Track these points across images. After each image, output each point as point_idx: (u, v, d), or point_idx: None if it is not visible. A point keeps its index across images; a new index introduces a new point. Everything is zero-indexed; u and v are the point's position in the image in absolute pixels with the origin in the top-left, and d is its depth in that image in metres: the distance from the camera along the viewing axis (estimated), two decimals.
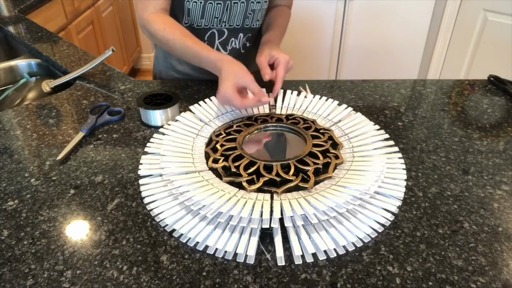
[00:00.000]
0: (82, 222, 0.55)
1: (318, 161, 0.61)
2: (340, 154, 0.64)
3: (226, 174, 0.60)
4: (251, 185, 0.57)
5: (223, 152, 0.64)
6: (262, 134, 0.72)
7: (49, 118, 0.81)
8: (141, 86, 0.92)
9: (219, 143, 0.67)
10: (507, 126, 0.78)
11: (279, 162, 0.60)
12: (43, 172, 0.65)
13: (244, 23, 0.92)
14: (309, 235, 0.51)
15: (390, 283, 0.46)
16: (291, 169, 0.59)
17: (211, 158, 0.63)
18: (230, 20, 0.90)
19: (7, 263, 0.49)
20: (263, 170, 0.59)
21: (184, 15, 0.88)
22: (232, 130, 0.71)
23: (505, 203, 0.58)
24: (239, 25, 0.91)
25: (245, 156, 0.62)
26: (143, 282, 0.46)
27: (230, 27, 0.91)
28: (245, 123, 0.73)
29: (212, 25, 0.90)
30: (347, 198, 0.54)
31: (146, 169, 0.63)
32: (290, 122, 0.73)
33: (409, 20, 2.10)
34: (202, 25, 0.89)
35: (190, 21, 0.89)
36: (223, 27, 0.91)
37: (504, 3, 1.78)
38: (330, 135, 0.68)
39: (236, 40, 0.94)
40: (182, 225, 0.53)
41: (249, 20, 0.92)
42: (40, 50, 1.12)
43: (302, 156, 0.62)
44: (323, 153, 0.63)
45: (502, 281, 0.47)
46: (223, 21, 0.89)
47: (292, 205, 0.53)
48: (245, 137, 0.69)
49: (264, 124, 0.72)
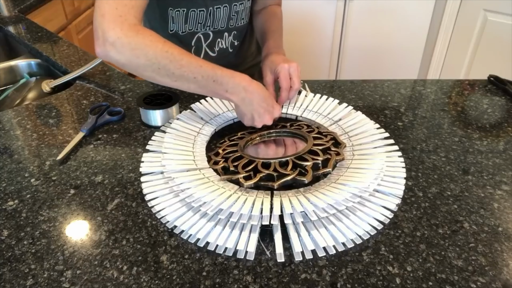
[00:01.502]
0: (82, 222, 0.55)
1: (318, 158, 0.61)
2: (342, 151, 0.64)
3: (224, 173, 0.61)
4: (248, 181, 0.57)
5: (224, 155, 0.64)
6: (265, 140, 0.71)
7: (49, 118, 0.81)
8: (141, 86, 0.92)
9: (221, 147, 0.67)
10: (507, 126, 0.78)
11: (277, 160, 0.60)
12: (43, 172, 0.65)
13: (229, 24, 0.91)
14: (309, 232, 0.51)
15: (390, 283, 0.46)
16: (289, 165, 0.59)
17: (212, 160, 0.64)
18: (214, 24, 0.89)
19: (7, 263, 0.49)
20: (261, 167, 0.59)
21: (169, 22, 0.86)
22: (236, 137, 0.71)
23: (505, 203, 0.58)
24: (223, 27, 0.91)
25: (244, 156, 0.62)
26: (143, 282, 0.46)
27: (214, 30, 0.90)
28: (249, 131, 0.72)
29: (196, 29, 0.89)
30: (346, 195, 0.54)
31: (148, 166, 0.63)
32: (294, 127, 0.72)
33: (409, 20, 2.10)
34: (187, 30, 0.88)
35: (175, 28, 0.87)
36: (207, 30, 0.90)
37: (504, 3, 1.78)
38: (333, 136, 0.68)
39: (222, 40, 0.93)
40: (183, 222, 0.53)
41: (233, 21, 0.91)
42: (40, 50, 1.12)
43: (302, 153, 0.61)
44: (324, 151, 0.63)
45: (502, 281, 0.47)
46: (207, 25, 0.89)
47: (291, 202, 0.53)
48: (248, 142, 0.69)
49: (267, 131, 0.71)
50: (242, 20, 0.93)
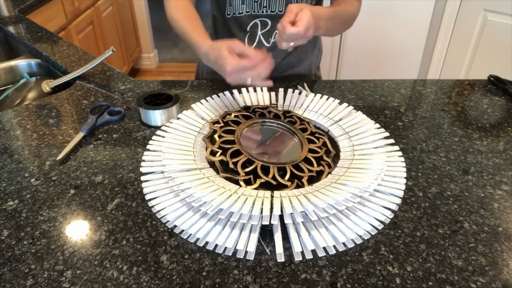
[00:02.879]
0: (82, 222, 0.55)
1: (313, 169, 0.62)
2: (332, 163, 0.65)
3: (223, 169, 0.61)
4: (248, 186, 0.58)
5: (221, 145, 0.64)
6: (260, 129, 0.72)
7: (49, 118, 0.81)
8: (141, 86, 0.92)
9: (217, 133, 0.67)
10: (507, 126, 0.78)
11: (276, 165, 0.61)
12: (43, 172, 0.65)
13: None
14: (309, 232, 0.51)
15: (390, 283, 0.46)
16: (287, 174, 0.60)
17: (209, 149, 0.64)
18: (271, 5, 0.87)
19: (7, 263, 0.49)
20: (260, 171, 0.59)
21: (226, 5, 0.89)
22: (230, 120, 0.71)
23: (505, 203, 0.58)
24: (282, 11, 0.88)
25: (243, 152, 0.63)
26: (143, 282, 0.46)
27: (272, 13, 0.88)
28: (243, 114, 0.73)
29: (253, 12, 0.88)
30: (346, 195, 0.54)
31: (148, 166, 0.63)
32: (287, 120, 0.73)
33: (409, 20, 2.10)
34: (244, 11, 0.88)
35: (233, 10, 0.89)
36: (264, 13, 0.88)
37: (504, 3, 1.78)
38: (324, 140, 0.69)
39: None
40: (183, 221, 0.53)
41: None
42: (40, 50, 1.12)
43: (298, 161, 0.63)
44: (317, 160, 0.64)
45: (502, 281, 0.47)
46: (263, 6, 0.87)
47: (292, 202, 0.53)
48: (243, 130, 0.69)
49: (262, 119, 0.72)
50: None
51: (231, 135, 0.66)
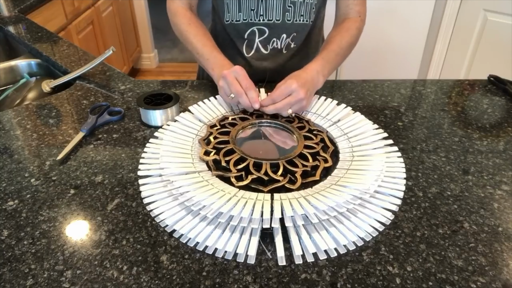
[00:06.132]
0: (82, 222, 0.55)
1: (307, 163, 0.62)
2: (329, 158, 0.64)
3: (216, 167, 0.61)
4: (239, 182, 0.57)
5: (215, 145, 0.65)
6: (256, 130, 0.72)
7: (49, 118, 0.81)
8: (141, 86, 0.92)
9: (213, 135, 0.67)
10: (507, 126, 0.78)
11: (268, 161, 0.61)
12: (43, 172, 0.65)
13: (285, 18, 0.88)
14: (310, 234, 0.51)
15: (390, 283, 0.46)
16: (279, 169, 0.60)
17: (203, 150, 0.64)
18: (268, 14, 0.87)
19: (7, 263, 0.49)
20: (252, 168, 0.59)
21: (225, 11, 0.89)
22: (227, 123, 0.71)
23: (505, 203, 0.58)
24: (279, 20, 0.88)
25: (236, 151, 0.63)
26: (143, 282, 0.46)
27: (269, 22, 0.88)
28: (240, 116, 0.74)
29: (250, 20, 0.88)
30: (347, 197, 0.54)
31: (146, 169, 0.63)
32: (285, 120, 0.73)
33: (409, 20, 2.10)
34: (241, 19, 0.89)
35: (230, 17, 0.89)
36: (261, 21, 0.88)
37: (504, 3, 1.78)
38: (322, 137, 0.69)
39: (278, 40, 0.92)
40: (182, 225, 0.53)
41: (290, 14, 0.87)
42: (40, 50, 1.12)
43: (292, 157, 0.62)
44: (313, 155, 0.64)
45: (502, 281, 0.47)
46: (260, 14, 0.87)
47: (292, 205, 0.53)
48: (239, 131, 0.69)
49: (258, 120, 0.73)
50: (301, 17, 0.89)
51: (226, 136, 0.67)
